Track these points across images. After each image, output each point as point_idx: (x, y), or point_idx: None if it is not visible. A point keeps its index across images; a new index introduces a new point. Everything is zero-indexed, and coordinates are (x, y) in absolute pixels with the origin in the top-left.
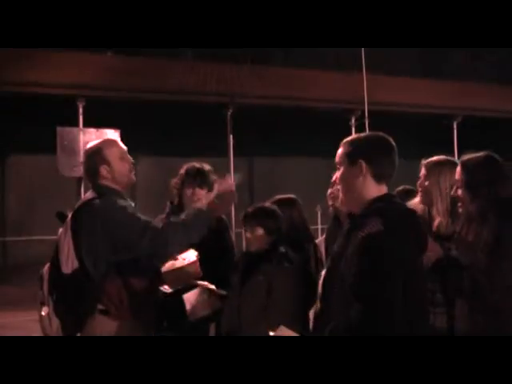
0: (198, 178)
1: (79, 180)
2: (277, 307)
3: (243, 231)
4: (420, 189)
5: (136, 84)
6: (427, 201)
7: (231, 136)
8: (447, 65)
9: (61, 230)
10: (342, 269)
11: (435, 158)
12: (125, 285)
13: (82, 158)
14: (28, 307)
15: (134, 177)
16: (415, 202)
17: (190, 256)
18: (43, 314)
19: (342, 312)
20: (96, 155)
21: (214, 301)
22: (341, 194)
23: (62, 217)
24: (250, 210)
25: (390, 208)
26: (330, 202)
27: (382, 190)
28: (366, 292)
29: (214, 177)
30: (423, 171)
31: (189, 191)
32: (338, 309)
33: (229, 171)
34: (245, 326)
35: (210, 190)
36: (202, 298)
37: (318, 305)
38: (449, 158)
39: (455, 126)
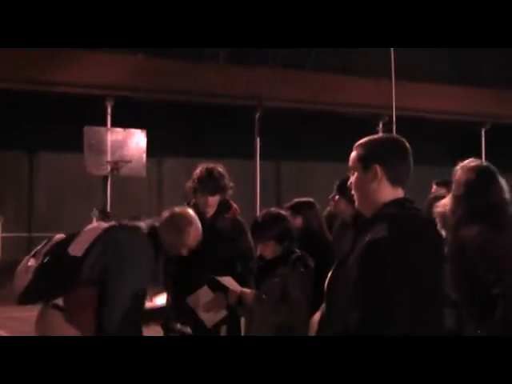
0: (210, 186)
1: (105, 178)
2: (290, 309)
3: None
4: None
5: (164, 85)
6: None
7: (258, 139)
8: (476, 72)
9: (96, 223)
10: (347, 274)
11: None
12: (98, 297)
13: (109, 156)
14: None
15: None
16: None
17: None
18: (29, 263)
19: (343, 317)
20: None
21: (231, 297)
22: (356, 200)
23: (103, 213)
24: (254, 225)
25: (399, 213)
26: (329, 208)
27: (398, 193)
28: (364, 300)
29: (226, 180)
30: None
31: (202, 199)
32: (340, 313)
33: (255, 174)
34: (255, 326)
35: (223, 194)
36: (213, 301)
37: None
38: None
39: (483, 133)
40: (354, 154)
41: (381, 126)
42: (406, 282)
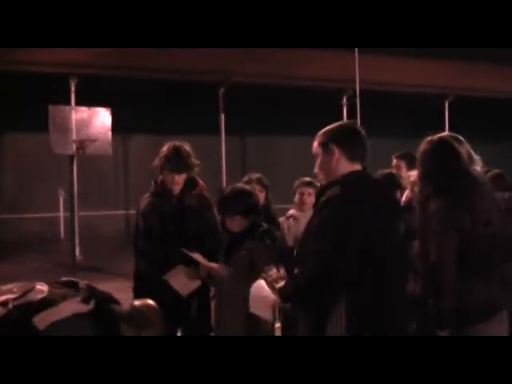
0: (177, 164)
1: (72, 157)
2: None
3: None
4: None
5: (128, 62)
6: None
7: (223, 115)
8: None
9: (75, 302)
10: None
11: None
12: None
13: (74, 135)
14: None
15: None
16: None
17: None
18: None
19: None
20: None
21: (201, 270)
22: (323, 179)
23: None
24: (220, 201)
25: (352, 179)
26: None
27: (355, 167)
28: (315, 248)
29: (192, 158)
30: None
31: (169, 177)
32: None
33: (220, 149)
34: (225, 299)
35: (190, 172)
36: (188, 272)
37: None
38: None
39: (447, 106)
40: (315, 142)
41: (345, 99)
42: (358, 233)
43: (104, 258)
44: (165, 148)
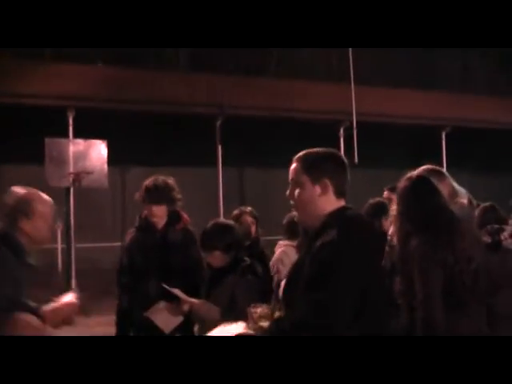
0: (154, 196)
1: (68, 190)
2: (237, 316)
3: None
4: None
5: (126, 95)
6: None
7: (220, 146)
8: (436, 75)
9: None
10: (302, 277)
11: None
12: None
13: (71, 168)
14: None
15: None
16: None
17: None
18: None
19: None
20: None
21: (183, 306)
22: (299, 211)
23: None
24: (202, 235)
25: (344, 219)
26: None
27: (341, 203)
28: (311, 296)
29: (173, 192)
30: None
31: (148, 208)
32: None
33: (217, 181)
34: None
35: (171, 205)
36: (170, 307)
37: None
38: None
39: (444, 137)
40: (296, 165)
41: (342, 131)
42: (355, 279)
43: (100, 291)
44: (147, 181)
